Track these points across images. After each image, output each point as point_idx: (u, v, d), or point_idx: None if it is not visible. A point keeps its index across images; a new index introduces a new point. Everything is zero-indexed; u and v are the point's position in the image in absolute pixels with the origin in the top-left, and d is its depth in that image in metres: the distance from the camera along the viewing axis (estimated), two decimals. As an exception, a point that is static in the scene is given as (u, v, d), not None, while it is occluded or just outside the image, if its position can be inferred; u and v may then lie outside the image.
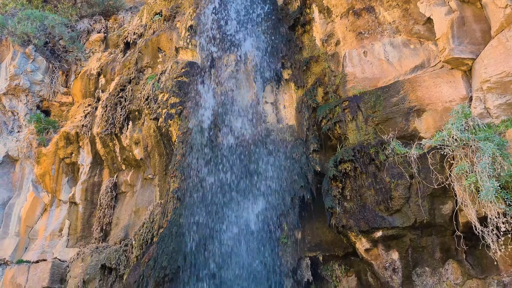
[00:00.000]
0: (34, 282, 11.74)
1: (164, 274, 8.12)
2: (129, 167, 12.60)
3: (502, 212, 6.20)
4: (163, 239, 8.74)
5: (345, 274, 8.38)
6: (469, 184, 6.49)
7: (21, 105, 14.45)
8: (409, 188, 7.44)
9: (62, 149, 13.45)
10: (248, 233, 8.70)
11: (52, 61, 14.94)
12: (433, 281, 7.37)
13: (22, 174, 14.01)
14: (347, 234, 7.93)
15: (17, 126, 14.49)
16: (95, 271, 11.05)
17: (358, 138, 8.42)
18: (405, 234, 7.43)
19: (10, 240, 12.97)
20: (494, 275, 6.92)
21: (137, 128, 12.11)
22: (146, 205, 11.65)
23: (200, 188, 9.19)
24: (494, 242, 6.35)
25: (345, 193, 8.02)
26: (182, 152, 9.82)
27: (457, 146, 6.83)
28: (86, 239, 12.60)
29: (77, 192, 12.98)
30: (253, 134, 9.94)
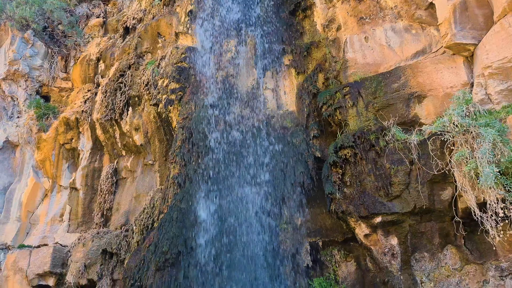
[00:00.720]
0: (36, 266, 11.84)
1: (164, 259, 8.17)
2: (129, 153, 12.60)
3: (501, 197, 6.23)
4: (164, 224, 8.77)
5: (345, 259, 8.44)
6: (469, 170, 6.50)
7: (20, 91, 14.41)
8: (409, 174, 7.46)
9: (62, 134, 13.45)
10: (248, 218, 8.73)
11: (51, 46, 14.84)
12: (432, 266, 7.43)
13: (22, 159, 14.03)
14: (346, 219, 7.97)
15: (17, 112, 14.47)
16: (96, 256, 11.14)
17: (358, 124, 8.41)
18: (405, 220, 7.47)
19: (12, 225, 13.05)
20: (492, 260, 6.98)
21: (137, 114, 12.08)
22: (146, 191, 11.69)
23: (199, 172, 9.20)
24: (493, 227, 6.40)
25: (345, 179, 8.04)
26: (182, 138, 9.80)
27: (458, 132, 6.83)
28: (87, 224, 12.68)
29: (77, 178, 13.02)
30: (253, 120, 9.91)
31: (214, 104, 10.06)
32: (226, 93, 10.20)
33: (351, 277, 8.23)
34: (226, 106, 10.03)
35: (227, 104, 10.07)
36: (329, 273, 8.37)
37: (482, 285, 6.99)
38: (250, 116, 9.98)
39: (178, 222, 8.58)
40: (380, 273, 7.77)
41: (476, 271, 7.11)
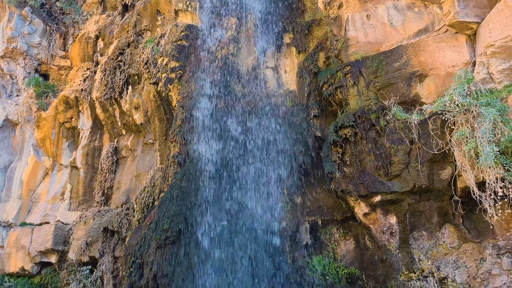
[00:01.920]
0: (38, 243, 11.97)
1: (165, 237, 8.25)
2: (129, 132, 12.60)
3: (500, 177, 6.25)
4: (164, 202, 8.83)
5: (344, 237, 8.52)
6: (469, 149, 6.51)
7: (19, 69, 14.31)
8: (409, 153, 7.47)
9: (61, 113, 13.42)
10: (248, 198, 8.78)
11: (49, 24, 14.66)
12: (430, 245, 7.52)
13: (22, 138, 14.04)
14: (346, 198, 8.02)
15: (16, 90, 14.39)
16: (98, 234, 11.25)
17: (359, 103, 8.38)
18: (404, 199, 7.52)
19: (13, 203, 13.14)
20: (490, 239, 7.06)
21: (137, 93, 12.03)
22: (147, 170, 11.73)
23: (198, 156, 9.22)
24: (491, 206, 6.44)
25: (345, 159, 8.06)
26: (183, 117, 9.78)
27: (459, 111, 6.81)
28: (87, 202, 12.76)
29: (78, 157, 13.04)
30: (253, 99, 9.87)
31: (214, 83, 10.00)
32: (226, 72, 10.13)
33: (350, 255, 8.32)
34: (226, 85, 9.96)
35: (227, 83, 10.00)
36: (328, 251, 8.46)
37: (479, 263, 7.08)
38: (250, 95, 9.93)
39: (179, 201, 8.63)
40: (379, 251, 7.86)
41: (473, 250, 7.19)
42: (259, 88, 9.98)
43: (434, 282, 7.25)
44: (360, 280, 7.90)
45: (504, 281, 6.78)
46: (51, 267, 12.08)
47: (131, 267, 8.63)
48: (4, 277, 12.22)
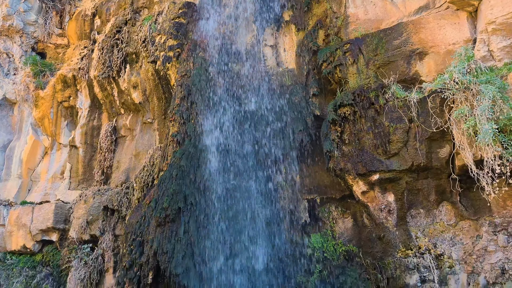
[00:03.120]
0: (39, 222, 12.07)
1: (165, 215, 8.31)
2: (128, 111, 12.56)
3: (498, 154, 6.28)
4: (164, 181, 8.87)
5: (342, 215, 8.58)
6: (467, 127, 6.52)
7: (15, 47, 14.16)
8: (408, 132, 7.48)
9: (59, 92, 13.34)
10: (247, 176, 8.82)
11: (45, 1, 14.44)
12: (427, 222, 7.60)
13: (21, 117, 14.00)
14: (344, 177, 8.06)
15: (13, 69, 14.27)
16: (98, 212, 11.33)
17: (358, 82, 8.34)
18: (402, 177, 7.57)
19: (13, 182, 13.19)
20: (486, 216, 7.14)
21: (135, 72, 11.94)
22: (146, 149, 11.74)
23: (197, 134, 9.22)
24: (489, 184, 6.49)
25: (343, 137, 8.07)
26: (181, 96, 9.73)
27: (458, 89, 6.79)
28: (87, 181, 12.81)
29: (76, 136, 13.03)
30: (252, 77, 9.81)
31: (212, 61, 9.92)
32: (225, 50, 10.03)
33: (348, 233, 8.41)
34: (224, 63, 9.89)
35: (226, 61, 9.93)
36: (326, 229, 8.54)
37: (475, 240, 7.18)
38: (249, 73, 9.87)
39: (178, 179, 8.66)
40: (376, 228, 7.95)
41: (470, 227, 7.28)
42: (258, 67, 9.91)
43: (431, 259, 7.36)
44: (357, 257, 8.00)
45: (499, 258, 6.89)
46: (52, 245, 12.22)
47: (132, 245, 8.73)
48: (6, 255, 12.37)
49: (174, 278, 7.77)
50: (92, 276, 10.70)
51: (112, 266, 10.71)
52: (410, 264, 7.43)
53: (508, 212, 6.95)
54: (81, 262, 10.96)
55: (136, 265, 8.43)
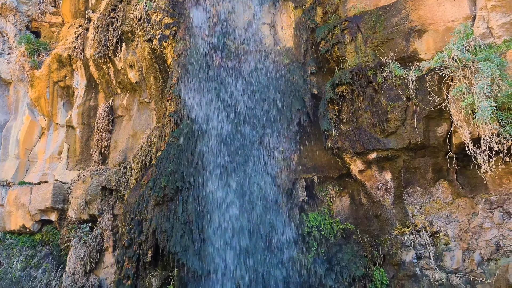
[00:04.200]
0: (37, 202, 12.11)
1: (163, 194, 8.34)
2: (125, 91, 12.47)
3: (496, 132, 6.28)
4: (161, 161, 8.87)
5: (339, 194, 8.63)
6: (465, 105, 6.50)
7: (9, 26, 13.95)
8: (405, 110, 7.46)
9: (55, 72, 13.21)
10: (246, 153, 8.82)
11: (38, -22, 14.20)
12: (424, 200, 7.65)
13: (16, 97, 13.89)
14: (342, 156, 8.07)
15: (7, 48, 14.09)
16: (96, 192, 11.37)
17: (356, 60, 8.27)
18: (399, 156, 7.58)
19: (10, 162, 13.18)
20: (483, 194, 7.18)
21: (131, 51, 11.81)
22: (143, 129, 11.71)
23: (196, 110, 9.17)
24: (486, 162, 6.50)
25: (341, 116, 8.04)
26: (178, 75, 9.65)
27: (457, 67, 6.75)
28: (85, 162, 12.81)
29: (73, 116, 12.97)
30: (249, 56, 9.72)
31: (209, 40, 9.80)
32: (222, 28, 9.91)
33: (345, 211, 8.47)
34: (221, 42, 9.78)
35: (223, 40, 9.81)
36: (323, 208, 8.60)
37: (471, 217, 7.24)
38: (246, 52, 9.77)
39: (176, 159, 8.67)
40: (373, 207, 8.00)
41: (466, 204, 7.33)
42: (256, 45, 9.81)
43: (427, 236, 7.44)
44: (354, 235, 8.08)
45: (494, 234, 6.96)
46: (51, 225, 12.30)
47: (130, 224, 8.79)
48: (6, 234, 12.45)
49: (173, 256, 7.86)
50: (91, 255, 10.80)
51: (111, 245, 10.81)
52: (407, 242, 7.50)
53: (504, 190, 6.99)
54: (81, 241, 11.04)
55: (135, 243, 8.51)
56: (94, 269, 10.85)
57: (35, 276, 11.36)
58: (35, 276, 11.36)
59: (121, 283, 8.36)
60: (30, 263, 11.62)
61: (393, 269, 7.52)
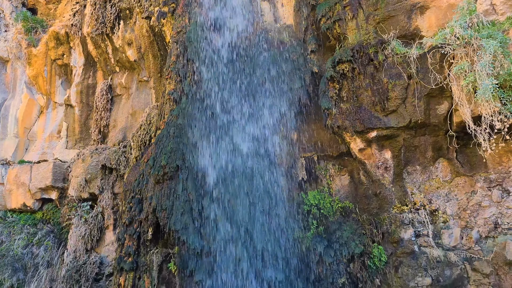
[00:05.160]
0: (37, 180, 12.14)
1: (163, 173, 8.35)
2: (123, 69, 12.37)
3: (497, 110, 6.25)
4: (161, 139, 8.86)
5: (339, 173, 8.65)
6: (467, 83, 6.46)
7: (5, 2, 13.74)
8: (406, 88, 7.41)
9: (52, 50, 13.07)
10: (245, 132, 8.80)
11: (33, -46, 13.92)
12: (423, 179, 7.68)
13: (14, 75, 13.78)
14: (342, 134, 8.05)
15: (4, 25, 13.91)
16: (96, 171, 11.39)
17: (357, 38, 8.17)
18: (399, 134, 7.57)
19: (10, 141, 13.16)
20: (482, 172, 7.21)
21: (129, 28, 11.66)
22: (142, 108, 11.66)
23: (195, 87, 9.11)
24: (486, 140, 6.50)
25: (342, 94, 8.00)
26: (177, 53, 9.55)
27: (459, 44, 6.67)
28: (84, 141, 12.80)
29: (72, 95, 12.89)
30: (249, 34, 9.60)
31: (208, 17, 9.66)
32: (221, 5, 9.76)
33: (344, 190, 8.50)
34: (221, 19, 9.64)
35: (222, 17, 9.68)
36: (323, 187, 8.63)
37: (470, 196, 7.28)
38: (246, 30, 9.65)
39: (176, 138, 8.65)
40: (373, 185, 8.03)
41: (465, 183, 7.36)
42: (255, 23, 9.68)
43: (426, 214, 7.49)
44: (353, 213, 8.14)
45: (493, 212, 7.01)
46: (52, 203, 12.36)
47: (131, 202, 8.82)
48: (7, 213, 12.52)
49: (173, 233, 7.92)
50: (92, 233, 10.89)
51: (112, 223, 10.89)
52: (405, 220, 7.56)
53: (503, 168, 7.01)
54: (81, 220, 11.12)
55: (135, 221, 8.57)
56: (95, 246, 10.96)
57: (36, 253, 11.49)
58: (36, 253, 11.49)
59: (122, 260, 8.45)
60: (31, 241, 11.73)
61: (391, 246, 7.59)
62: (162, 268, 8.45)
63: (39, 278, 11.02)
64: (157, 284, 8.35)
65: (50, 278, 11.01)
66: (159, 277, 8.42)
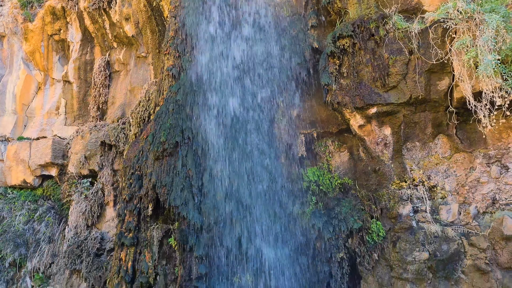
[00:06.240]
0: (37, 157, 12.15)
1: (162, 149, 8.35)
2: (121, 45, 12.22)
3: (498, 86, 6.21)
4: (160, 116, 8.82)
5: (338, 149, 8.66)
6: (468, 58, 6.40)
7: (-1, -24, 13.50)
8: (407, 64, 7.35)
9: (49, 25, 12.88)
10: (244, 109, 8.76)
11: None
12: (422, 155, 7.69)
13: (11, 51, 13.62)
14: (342, 111, 8.02)
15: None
16: (96, 148, 11.39)
17: (358, 12, 8.05)
18: (399, 110, 7.54)
19: (8, 117, 13.11)
20: (481, 149, 7.22)
21: (126, 3, 11.46)
22: (141, 84, 11.58)
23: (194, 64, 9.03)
24: (486, 116, 6.48)
25: (342, 70, 7.93)
26: (175, 28, 9.42)
27: (461, 19, 6.58)
28: (83, 117, 12.76)
29: (69, 71, 12.77)
30: (248, 9, 9.46)
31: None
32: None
33: (344, 166, 8.53)
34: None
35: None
36: (322, 163, 8.65)
37: (469, 172, 7.31)
38: (245, 5, 9.50)
39: (175, 114, 8.62)
40: (372, 162, 8.04)
41: (464, 159, 7.38)
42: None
43: (424, 190, 7.53)
44: (352, 189, 8.18)
45: (491, 188, 7.05)
46: (52, 180, 12.40)
47: (131, 179, 8.85)
48: (7, 189, 12.57)
49: (173, 209, 7.98)
50: (93, 209, 10.97)
51: (112, 199, 10.96)
52: (404, 196, 7.60)
53: (503, 144, 7.02)
54: (82, 196, 11.18)
55: (135, 197, 8.61)
56: (96, 222, 11.05)
57: (38, 229, 11.60)
58: (38, 229, 11.60)
59: (123, 235, 8.53)
60: (32, 217, 11.82)
61: (390, 222, 7.66)
62: (163, 243, 8.55)
63: (41, 253, 11.15)
64: (158, 259, 8.46)
65: (52, 253, 11.15)
66: (160, 252, 8.52)
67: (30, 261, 11.10)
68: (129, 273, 8.29)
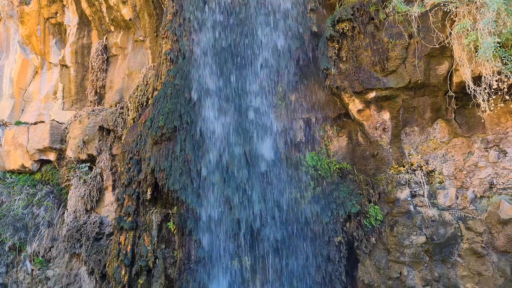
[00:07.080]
0: (35, 142, 12.11)
1: (161, 133, 8.34)
2: (119, 29, 12.10)
3: (497, 70, 6.20)
4: (158, 100, 8.79)
5: (337, 134, 8.66)
6: (468, 42, 6.37)
7: (-7, -43, 13.28)
8: (407, 48, 7.32)
9: (45, 8, 12.72)
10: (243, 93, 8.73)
11: None
12: (420, 139, 7.70)
13: (7, 34, 13.48)
14: (340, 95, 8.00)
15: (-6, -18, 13.50)
16: (94, 132, 11.37)
17: (358, -5, 7.98)
18: (398, 95, 7.53)
19: (5, 102, 13.05)
20: (480, 133, 7.24)
21: (124, -15, 11.34)
22: (139, 68, 11.51)
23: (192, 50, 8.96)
24: (485, 101, 6.48)
25: (341, 54, 7.88)
26: (173, 11, 9.33)
27: (462, 2, 6.55)
28: (81, 102, 12.70)
29: (66, 55, 12.67)
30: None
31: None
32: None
33: (342, 151, 8.54)
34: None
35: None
36: (321, 148, 8.65)
37: (467, 156, 7.33)
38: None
39: (173, 98, 8.58)
40: (370, 146, 8.06)
41: (462, 144, 7.39)
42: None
43: (422, 175, 7.57)
44: (351, 174, 8.20)
45: (489, 173, 7.08)
46: (50, 164, 12.40)
47: (129, 163, 8.85)
48: (6, 173, 12.57)
49: (172, 194, 8.00)
50: (92, 193, 10.99)
51: (111, 184, 10.98)
52: (402, 180, 7.63)
53: (501, 129, 7.03)
54: (80, 181, 11.19)
55: (134, 182, 8.62)
56: (95, 207, 11.09)
57: (37, 213, 11.64)
58: (37, 213, 11.64)
59: (122, 219, 8.57)
60: (31, 202, 11.86)
61: (387, 206, 7.71)
62: (162, 227, 8.60)
63: (40, 237, 11.22)
64: (157, 243, 8.52)
65: (52, 237, 11.21)
66: (159, 236, 8.58)
67: (30, 245, 11.17)
68: (128, 257, 8.35)
